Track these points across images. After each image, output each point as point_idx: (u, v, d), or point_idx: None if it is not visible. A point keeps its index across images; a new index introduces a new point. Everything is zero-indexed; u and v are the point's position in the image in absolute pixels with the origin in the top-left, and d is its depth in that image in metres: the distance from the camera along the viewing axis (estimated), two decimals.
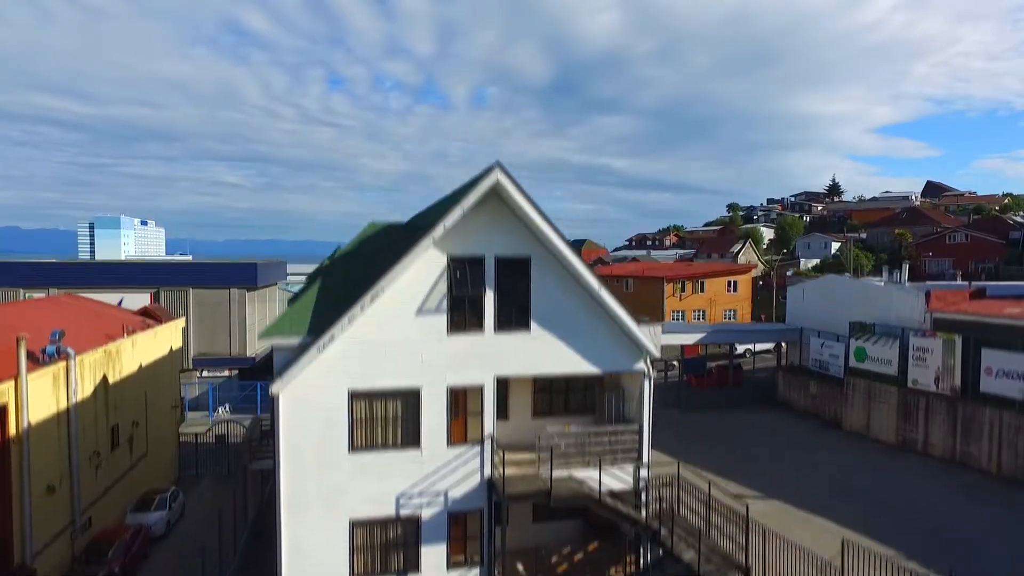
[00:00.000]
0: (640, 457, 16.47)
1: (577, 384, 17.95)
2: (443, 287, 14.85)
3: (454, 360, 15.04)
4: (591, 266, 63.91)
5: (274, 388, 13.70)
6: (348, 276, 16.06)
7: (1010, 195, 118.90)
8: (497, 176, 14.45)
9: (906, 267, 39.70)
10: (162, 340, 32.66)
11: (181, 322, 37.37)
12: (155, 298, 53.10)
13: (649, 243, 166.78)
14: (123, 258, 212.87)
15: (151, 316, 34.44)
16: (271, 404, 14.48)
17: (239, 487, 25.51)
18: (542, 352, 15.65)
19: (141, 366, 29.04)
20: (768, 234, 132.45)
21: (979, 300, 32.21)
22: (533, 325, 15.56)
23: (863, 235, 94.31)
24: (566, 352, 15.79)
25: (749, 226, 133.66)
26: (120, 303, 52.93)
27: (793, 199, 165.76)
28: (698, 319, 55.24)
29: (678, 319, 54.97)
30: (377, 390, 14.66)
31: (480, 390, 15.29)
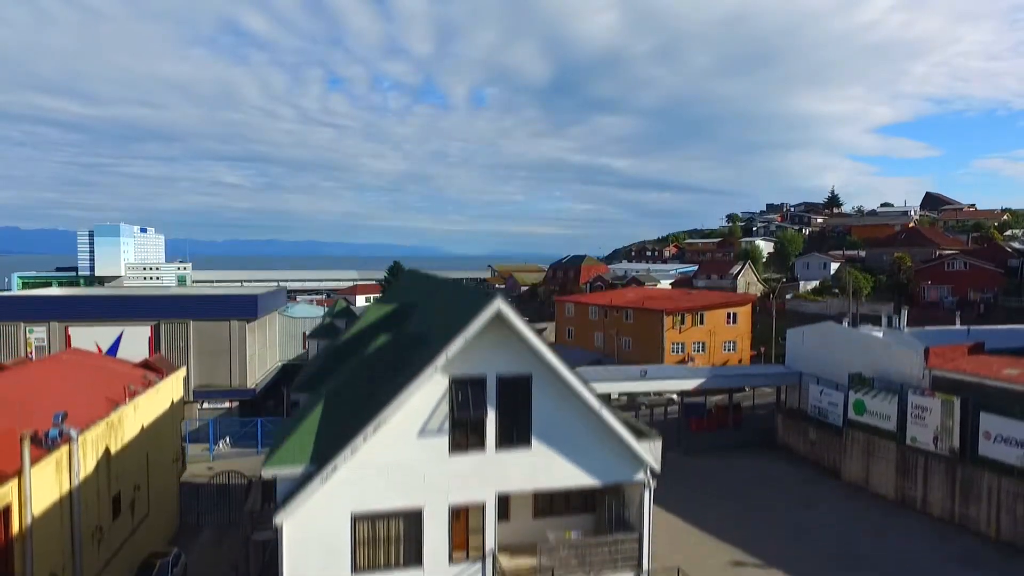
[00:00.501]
0: (640, 565, 16.58)
1: None
2: (445, 408, 14.96)
3: (456, 479, 15.15)
4: (592, 284, 64.16)
5: (278, 519, 13.80)
6: (353, 389, 16.14)
7: (1008, 210, 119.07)
8: (498, 306, 14.58)
9: (904, 312, 39.82)
10: (163, 395, 32.72)
11: (182, 372, 37.44)
12: (155, 331, 53.23)
13: (649, 253, 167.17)
14: (123, 267, 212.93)
15: (152, 368, 34.48)
16: (269, 440, 14.50)
17: (241, 558, 25.60)
18: (543, 467, 15.76)
19: (143, 428, 29.10)
20: (768, 247, 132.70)
21: (977, 356, 32.33)
22: (534, 441, 15.67)
23: (862, 254, 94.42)
24: (566, 466, 15.90)
25: (748, 240, 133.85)
26: (120, 336, 53.22)
27: (792, 209, 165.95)
28: (698, 351, 55.43)
29: (678, 351, 55.18)
30: (379, 512, 14.77)
31: (481, 507, 15.41)
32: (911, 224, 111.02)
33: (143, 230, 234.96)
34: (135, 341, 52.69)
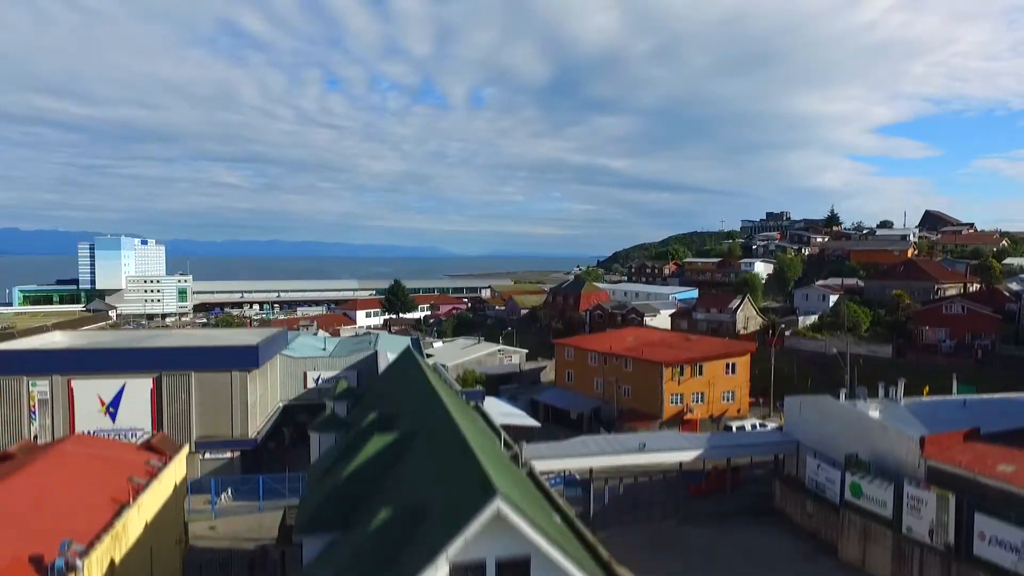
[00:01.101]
0: None
1: None
2: None
3: None
4: (592, 313, 64.32)
5: None
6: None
7: (1006, 235, 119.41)
8: (498, 507, 14.86)
9: (901, 384, 40.11)
10: (167, 481, 33.03)
11: (185, 451, 37.79)
12: (157, 383, 53.59)
13: (649, 270, 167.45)
14: (124, 280, 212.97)
15: (155, 450, 34.78)
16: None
17: None
18: None
19: (147, 523, 29.43)
20: (767, 269, 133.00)
21: (973, 445, 32.61)
22: None
23: (861, 283, 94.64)
24: None
25: (748, 262, 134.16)
26: (123, 388, 53.54)
27: (792, 226, 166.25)
28: (696, 401, 55.77)
29: (677, 402, 55.53)
30: None
31: None
32: (910, 251, 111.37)
33: (144, 242, 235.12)
34: (137, 393, 53.12)
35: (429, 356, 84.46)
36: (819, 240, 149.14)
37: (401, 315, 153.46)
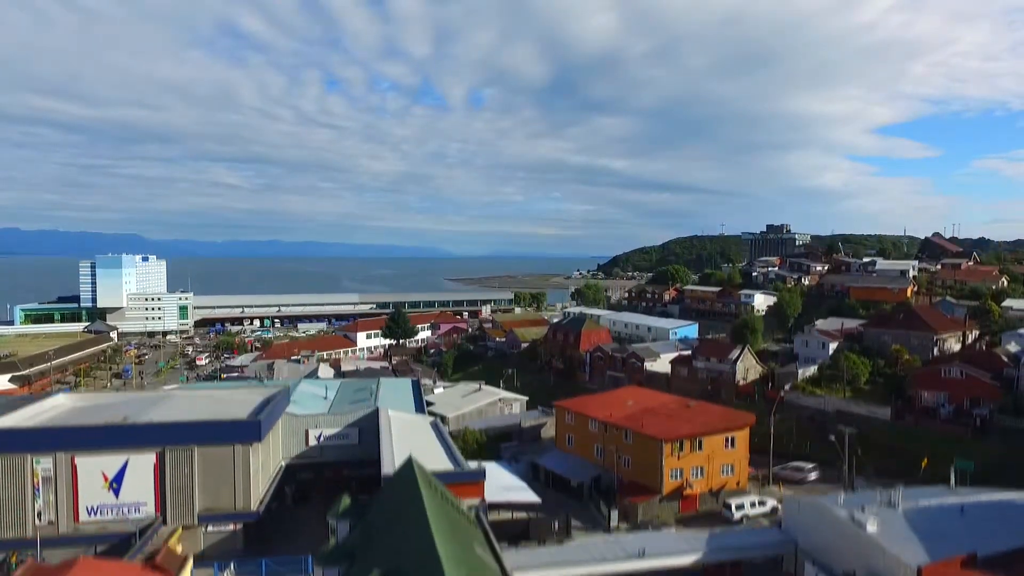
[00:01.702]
0: None
1: None
2: None
3: None
4: (592, 356, 65.24)
5: None
6: None
7: (1006, 271, 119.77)
8: None
9: (900, 491, 40.46)
10: None
11: (189, 563, 38.11)
12: (160, 458, 53.93)
13: (649, 295, 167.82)
14: (125, 298, 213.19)
15: (160, 570, 35.07)
16: None
17: None
18: None
19: None
20: (767, 301, 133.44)
21: (970, 572, 32.96)
22: None
23: (860, 327, 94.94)
24: None
25: (747, 294, 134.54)
26: (126, 464, 53.89)
27: (791, 253, 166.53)
28: (696, 475, 56.09)
29: (676, 477, 55.86)
30: None
31: None
32: (910, 290, 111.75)
33: (144, 259, 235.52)
34: (140, 468, 53.49)
35: (430, 405, 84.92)
36: (818, 269, 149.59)
37: (402, 341, 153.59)
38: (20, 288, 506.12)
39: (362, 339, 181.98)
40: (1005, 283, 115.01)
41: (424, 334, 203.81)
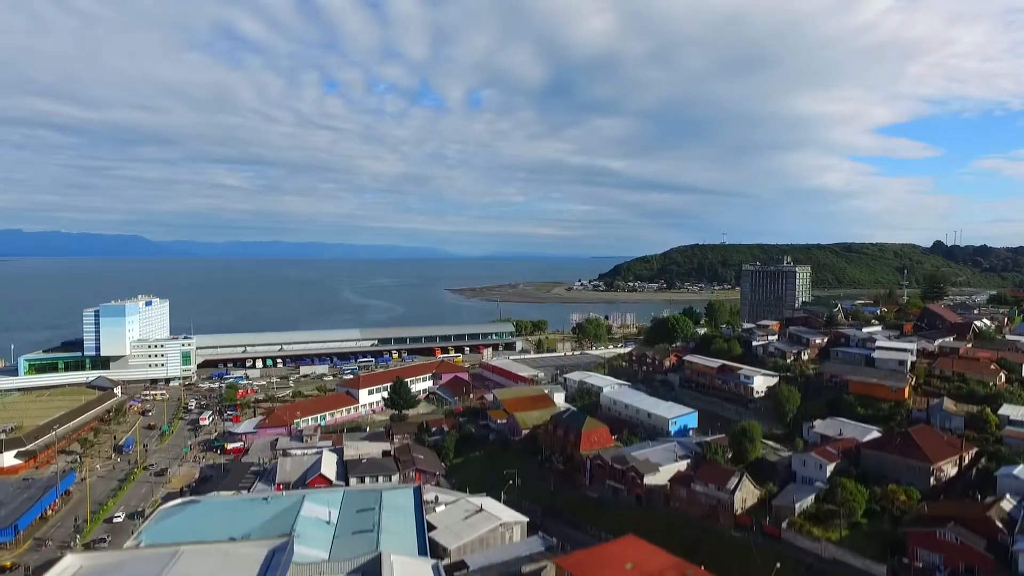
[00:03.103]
0: None
1: None
2: None
3: None
4: (591, 461, 66.61)
5: None
6: None
7: (1004, 364, 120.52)
8: None
9: None
10: None
11: None
12: None
13: (649, 361, 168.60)
14: (128, 346, 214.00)
15: None
16: None
17: None
18: None
19: None
20: (767, 382, 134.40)
21: None
22: None
23: (858, 446, 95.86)
24: None
25: (747, 377, 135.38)
26: None
27: (791, 323, 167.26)
28: None
29: None
30: None
31: None
32: (907, 389, 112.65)
33: (148, 303, 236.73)
34: None
35: (431, 528, 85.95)
36: (818, 342, 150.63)
37: (403, 412, 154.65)
38: (23, 303, 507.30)
39: (364, 395, 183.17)
40: (1003, 379, 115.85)
41: (427, 384, 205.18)
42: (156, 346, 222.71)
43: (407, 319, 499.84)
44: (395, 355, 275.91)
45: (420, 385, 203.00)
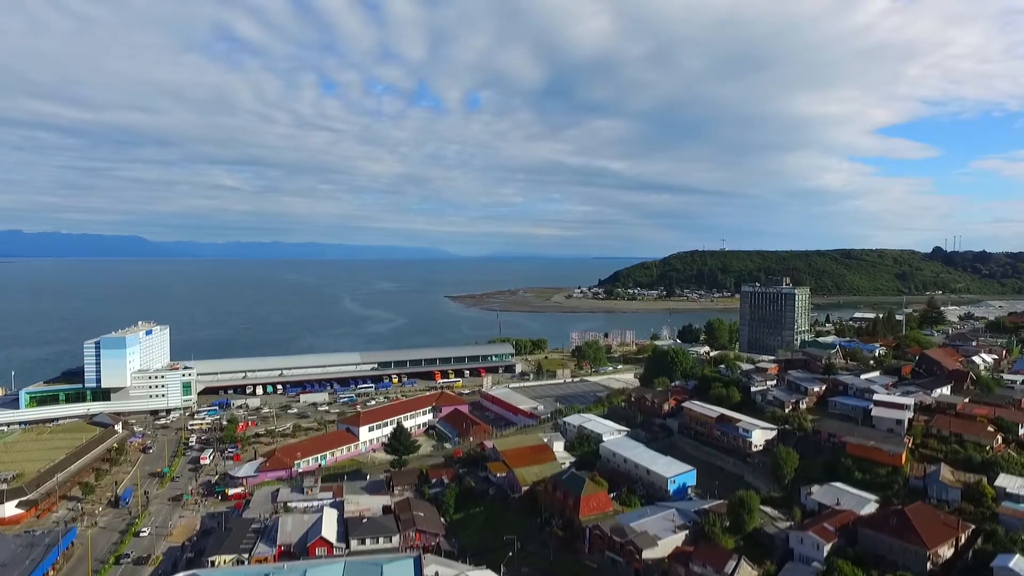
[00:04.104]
0: None
1: None
2: None
3: None
4: (591, 533, 67.84)
5: None
6: None
7: (1001, 428, 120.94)
8: None
9: None
10: None
11: None
12: None
13: (648, 403, 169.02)
14: (129, 377, 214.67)
15: None
16: None
17: None
18: None
19: None
20: (765, 436, 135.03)
21: None
22: None
23: (855, 521, 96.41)
24: None
25: (745, 430, 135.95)
26: None
27: (789, 367, 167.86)
28: None
29: None
30: None
31: None
32: (904, 455, 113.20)
33: (148, 332, 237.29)
34: None
35: None
36: (816, 390, 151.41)
37: (403, 458, 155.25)
38: (22, 315, 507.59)
39: (364, 432, 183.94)
40: (999, 441, 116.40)
41: (426, 417, 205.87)
42: (157, 377, 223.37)
43: (408, 331, 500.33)
44: (395, 379, 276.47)
45: (420, 419, 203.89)
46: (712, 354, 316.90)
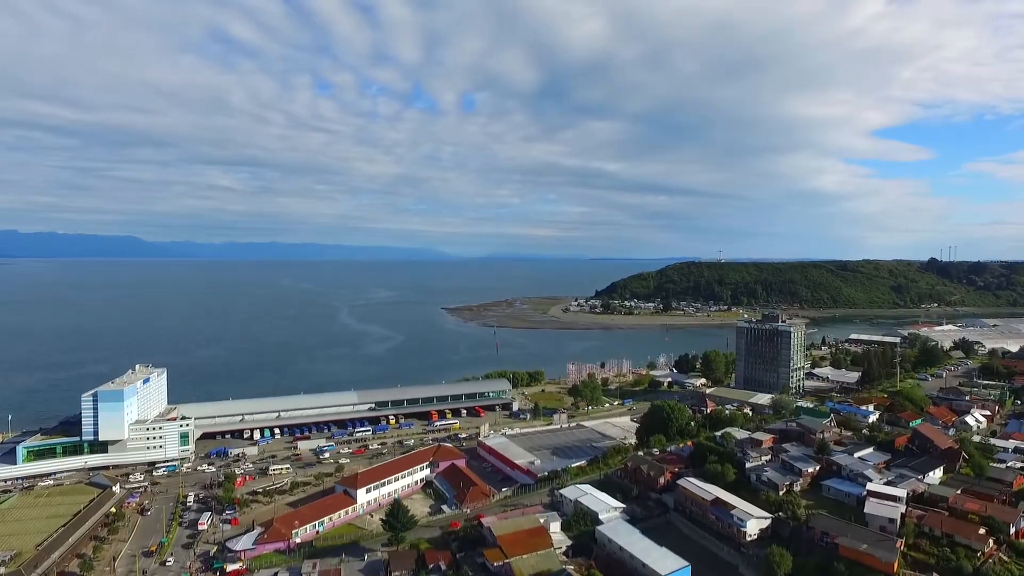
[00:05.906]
0: None
1: None
2: None
3: None
4: None
5: None
6: None
7: (991, 527, 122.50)
8: None
9: None
10: None
11: None
12: None
13: (644, 473, 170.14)
14: (127, 429, 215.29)
15: None
16: None
17: None
18: None
19: None
20: (759, 525, 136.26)
21: None
22: None
23: None
24: None
25: (740, 520, 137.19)
26: None
27: (784, 439, 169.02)
28: None
29: None
30: None
31: None
32: (896, 564, 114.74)
33: (146, 381, 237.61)
34: None
35: None
36: (810, 471, 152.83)
37: (400, 535, 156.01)
38: (16, 333, 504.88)
39: (362, 495, 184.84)
40: (992, 545, 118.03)
41: (424, 473, 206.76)
42: (154, 428, 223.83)
43: (406, 351, 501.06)
44: (392, 421, 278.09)
45: (418, 475, 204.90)
46: (709, 390, 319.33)
